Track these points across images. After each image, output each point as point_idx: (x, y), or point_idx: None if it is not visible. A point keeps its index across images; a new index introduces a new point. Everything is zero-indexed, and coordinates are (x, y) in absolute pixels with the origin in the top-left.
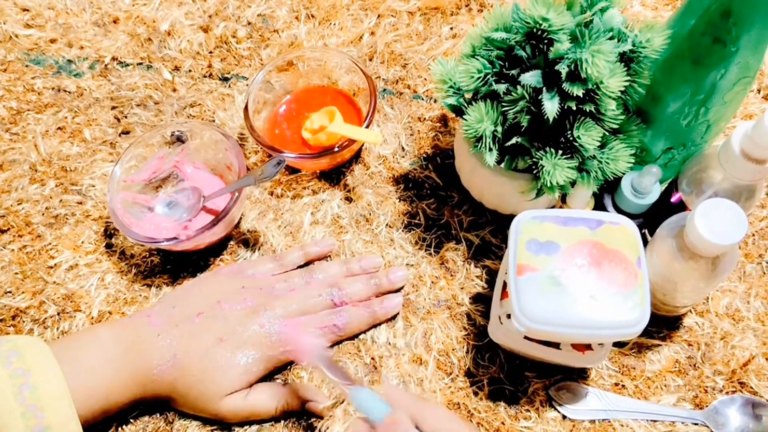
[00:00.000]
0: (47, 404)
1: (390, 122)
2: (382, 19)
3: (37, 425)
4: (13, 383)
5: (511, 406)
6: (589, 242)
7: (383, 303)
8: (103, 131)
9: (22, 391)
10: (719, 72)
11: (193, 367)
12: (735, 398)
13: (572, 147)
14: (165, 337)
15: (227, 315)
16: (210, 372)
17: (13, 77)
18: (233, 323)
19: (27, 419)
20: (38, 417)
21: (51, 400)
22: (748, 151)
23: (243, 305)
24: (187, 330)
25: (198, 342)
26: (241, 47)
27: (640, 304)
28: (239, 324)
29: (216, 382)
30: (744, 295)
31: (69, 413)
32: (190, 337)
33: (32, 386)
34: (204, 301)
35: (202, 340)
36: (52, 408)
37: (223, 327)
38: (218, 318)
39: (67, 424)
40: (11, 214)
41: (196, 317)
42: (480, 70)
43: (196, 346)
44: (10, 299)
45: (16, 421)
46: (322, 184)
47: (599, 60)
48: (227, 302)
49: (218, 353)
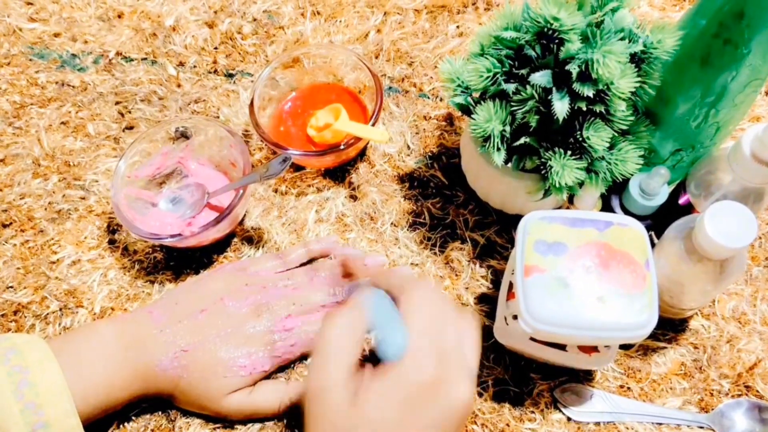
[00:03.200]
0: (46, 400)
1: (395, 120)
2: (388, 17)
3: (37, 422)
4: (11, 380)
5: (515, 407)
6: (597, 244)
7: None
8: (107, 126)
9: (21, 387)
10: (730, 74)
11: (196, 364)
12: (741, 402)
13: (581, 148)
14: (168, 334)
15: (230, 313)
16: (213, 369)
17: (17, 71)
18: (237, 321)
19: (26, 416)
20: (37, 414)
21: (49, 396)
22: (758, 154)
23: (246, 303)
24: (190, 326)
25: (202, 339)
26: (246, 43)
27: (648, 307)
28: (243, 322)
29: (219, 379)
30: (750, 298)
31: (68, 408)
32: (194, 333)
33: (30, 383)
34: (207, 298)
35: (205, 337)
36: (50, 404)
37: (227, 324)
38: (222, 315)
39: (67, 420)
40: (14, 208)
41: (199, 314)
42: (489, 69)
43: (200, 343)
44: (12, 294)
45: (15, 418)
46: (327, 182)
47: (610, 60)
48: (230, 299)
49: (222, 350)
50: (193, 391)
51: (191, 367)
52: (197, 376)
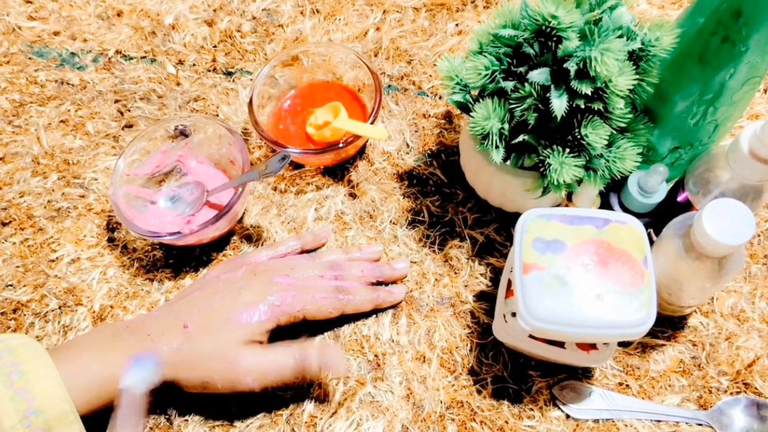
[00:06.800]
0: (36, 387)
1: (395, 118)
2: (387, 15)
3: (28, 408)
4: (2, 372)
5: (514, 404)
6: (595, 241)
7: (387, 288)
8: (106, 124)
9: (11, 377)
10: (728, 71)
11: (198, 328)
12: (739, 399)
13: (579, 145)
14: (165, 315)
15: (226, 280)
16: (217, 326)
17: (16, 69)
18: (231, 282)
19: (17, 403)
20: (28, 400)
21: (39, 382)
22: (757, 151)
23: (241, 270)
24: (185, 302)
25: (199, 304)
26: (245, 42)
27: (646, 304)
28: (237, 281)
29: (224, 332)
30: (749, 295)
31: (60, 392)
32: (189, 306)
33: (21, 372)
34: (203, 282)
35: (201, 306)
36: (41, 391)
37: (221, 288)
38: (216, 285)
39: (59, 405)
40: (13, 206)
41: (195, 291)
42: (487, 66)
43: (198, 308)
44: (12, 292)
45: (5, 406)
46: (326, 180)
47: (608, 58)
48: (225, 275)
49: (219, 308)
50: (202, 363)
51: (194, 335)
52: (203, 339)
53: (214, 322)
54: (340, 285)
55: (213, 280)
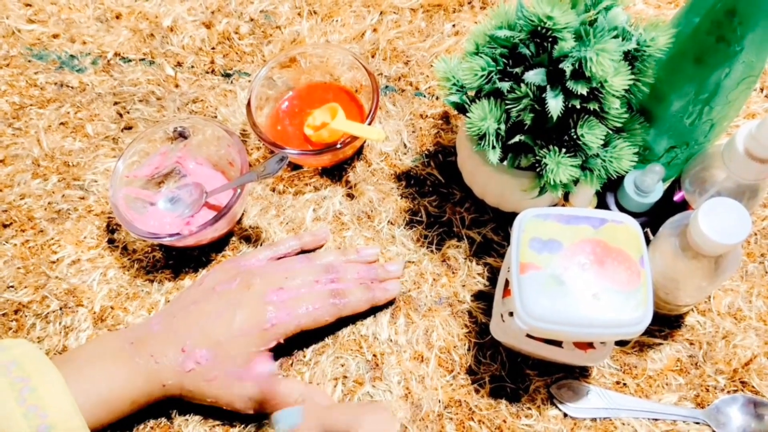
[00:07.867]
0: (48, 403)
1: (392, 119)
2: (384, 16)
3: (41, 424)
4: (13, 389)
5: (512, 403)
6: (592, 241)
7: (381, 285)
8: (106, 127)
9: (22, 393)
10: (723, 71)
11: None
12: (736, 397)
13: (576, 145)
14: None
15: (220, 292)
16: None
17: (16, 72)
18: (227, 296)
19: (30, 420)
20: (41, 416)
21: (51, 398)
22: (752, 151)
23: (236, 282)
24: (183, 319)
25: (197, 323)
26: (243, 43)
27: (642, 303)
28: (233, 296)
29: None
30: (746, 294)
31: (71, 409)
32: (189, 324)
33: (32, 388)
34: (200, 293)
35: (200, 319)
36: (53, 406)
37: (217, 304)
38: (211, 300)
39: (70, 420)
40: (14, 208)
41: (191, 305)
42: (484, 67)
43: (197, 327)
44: (13, 294)
45: (18, 423)
46: (324, 181)
47: (604, 58)
48: (220, 286)
49: (218, 327)
50: (207, 386)
51: (197, 358)
52: (206, 367)
53: (213, 345)
54: (335, 288)
55: (208, 293)
